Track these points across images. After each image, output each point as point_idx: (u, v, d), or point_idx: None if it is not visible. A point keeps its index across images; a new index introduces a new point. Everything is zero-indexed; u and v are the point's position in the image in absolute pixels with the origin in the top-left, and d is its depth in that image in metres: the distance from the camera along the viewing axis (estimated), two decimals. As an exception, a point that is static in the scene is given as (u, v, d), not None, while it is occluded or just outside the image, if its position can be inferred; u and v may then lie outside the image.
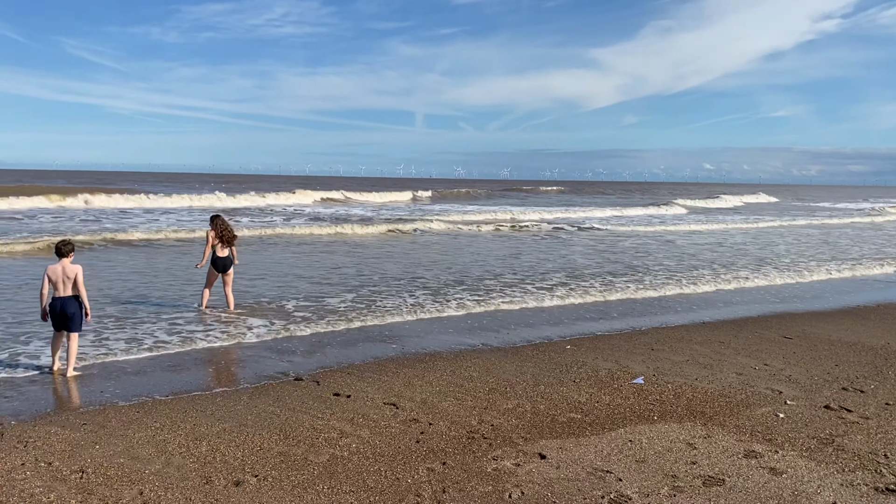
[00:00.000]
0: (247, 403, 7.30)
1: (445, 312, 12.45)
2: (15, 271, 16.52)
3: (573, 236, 30.32)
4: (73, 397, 7.55)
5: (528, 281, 16.39)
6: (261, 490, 5.29)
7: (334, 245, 24.01)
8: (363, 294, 14.06)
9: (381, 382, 8.10)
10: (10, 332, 10.20)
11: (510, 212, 44.94)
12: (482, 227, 33.14)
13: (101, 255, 19.97)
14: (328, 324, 11.27)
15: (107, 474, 5.48)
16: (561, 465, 5.82)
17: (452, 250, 23.28)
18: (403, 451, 6.09)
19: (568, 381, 8.31)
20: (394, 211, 45.15)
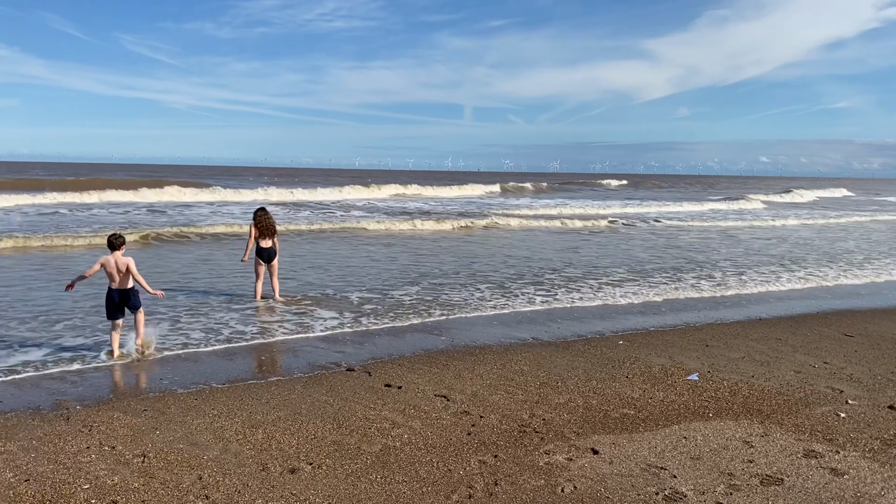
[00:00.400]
0: (300, 392, 7.42)
1: (506, 307, 12.44)
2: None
3: (658, 231, 29.55)
4: (134, 384, 7.77)
5: (590, 276, 16.27)
6: (315, 478, 5.37)
7: (408, 240, 24.03)
8: (426, 287, 14.16)
9: (432, 374, 8.14)
10: (88, 321, 10.56)
11: (585, 206, 43.67)
12: (565, 222, 31.97)
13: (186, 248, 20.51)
14: (385, 317, 11.37)
15: (167, 459, 5.63)
16: (614, 461, 5.76)
17: (527, 245, 23.09)
18: (455, 443, 6.11)
19: (620, 376, 8.22)
20: (465, 205, 44.13)
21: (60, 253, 18.42)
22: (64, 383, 7.66)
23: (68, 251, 18.81)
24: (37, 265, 16.17)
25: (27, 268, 15.73)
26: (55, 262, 16.65)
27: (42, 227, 24.20)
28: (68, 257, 17.62)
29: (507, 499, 5.09)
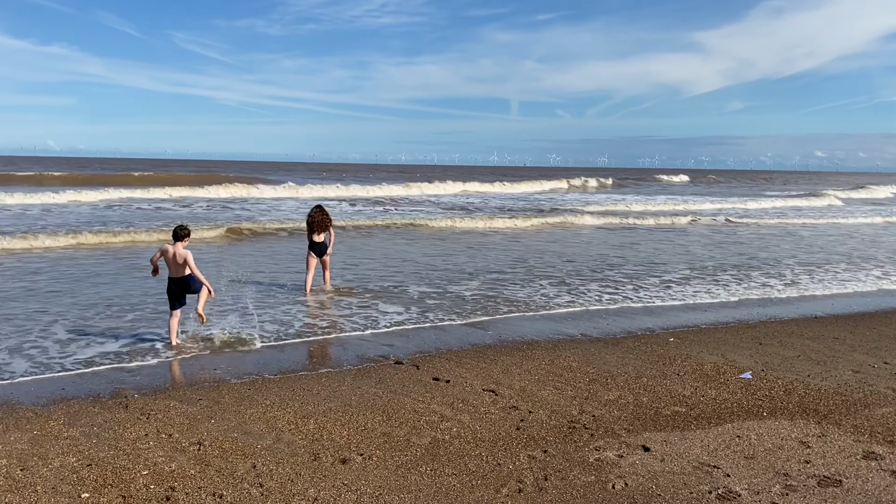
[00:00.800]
0: (350, 384, 7.50)
1: (573, 305, 12.39)
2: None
3: (742, 229, 28.68)
4: (189, 374, 7.95)
5: (653, 273, 16.09)
6: (366, 468, 5.43)
7: (476, 237, 24.06)
8: (487, 281, 14.21)
9: (480, 369, 8.15)
10: (155, 313, 10.85)
11: (654, 203, 42.47)
12: (642, 219, 30.93)
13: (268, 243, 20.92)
14: (441, 311, 11.42)
15: (222, 447, 5.76)
16: (665, 459, 5.70)
17: (602, 242, 22.83)
18: (504, 438, 6.11)
19: (671, 373, 8.11)
20: (535, 202, 43.34)
21: (140, 247, 18.94)
22: (122, 372, 7.89)
23: (143, 245, 19.31)
24: (113, 258, 16.67)
25: (103, 260, 16.23)
26: (125, 255, 17.14)
27: (117, 221, 24.85)
28: (138, 252, 18.11)
29: (557, 494, 5.08)
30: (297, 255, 16.56)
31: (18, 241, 18.12)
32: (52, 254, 17.11)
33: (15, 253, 17.05)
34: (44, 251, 17.42)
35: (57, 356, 8.45)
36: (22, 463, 5.39)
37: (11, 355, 8.44)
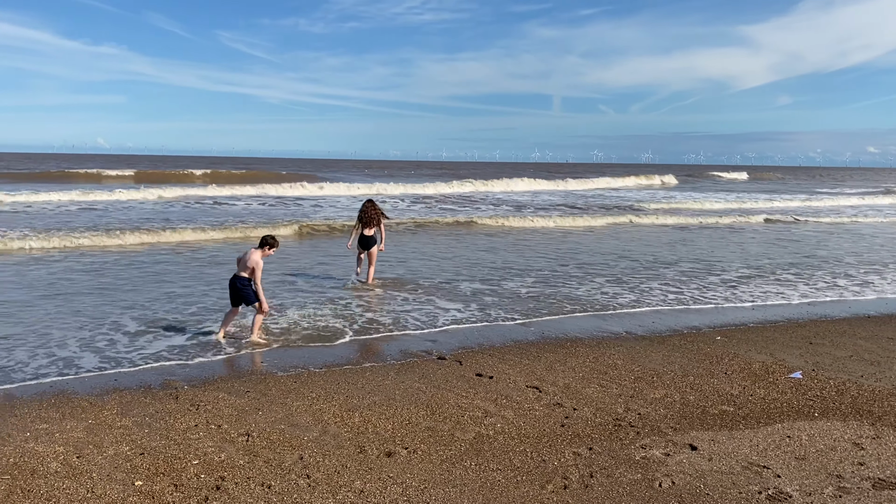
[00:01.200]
0: (394, 379, 7.55)
1: (636, 306, 12.30)
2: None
3: (819, 227, 27.46)
4: (236, 366, 8.09)
5: (712, 272, 15.89)
6: (411, 462, 5.46)
7: (540, 235, 23.92)
8: (543, 278, 14.19)
9: (523, 365, 8.12)
10: (216, 307, 11.08)
11: (720, 201, 41.24)
12: (717, 218, 29.90)
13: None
14: (498, 308, 11.43)
15: (270, 438, 5.85)
16: (713, 458, 5.61)
17: (675, 241, 22.05)
18: (548, 434, 6.09)
19: (719, 372, 7.98)
20: (600, 199, 42.48)
21: (203, 244, 19.34)
22: (172, 364, 8.06)
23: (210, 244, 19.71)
24: (174, 253, 17.05)
25: (169, 257, 16.61)
26: (187, 251, 17.51)
27: (183, 220, 25.29)
28: (203, 249, 18.49)
29: (602, 491, 5.05)
30: (337, 250, 16.72)
31: (90, 239, 18.46)
32: (122, 251, 17.55)
33: (87, 249, 17.48)
34: (118, 249, 17.81)
35: (123, 350, 8.67)
36: (78, 450, 5.54)
37: (81, 349, 8.67)
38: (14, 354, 8.32)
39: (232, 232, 21.17)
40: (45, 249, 17.07)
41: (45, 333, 9.25)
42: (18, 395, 6.96)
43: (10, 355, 8.27)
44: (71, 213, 26.04)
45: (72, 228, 20.62)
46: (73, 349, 8.58)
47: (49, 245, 17.53)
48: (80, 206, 29.02)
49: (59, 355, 8.31)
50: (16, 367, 7.86)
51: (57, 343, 8.82)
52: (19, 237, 18.16)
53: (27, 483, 4.98)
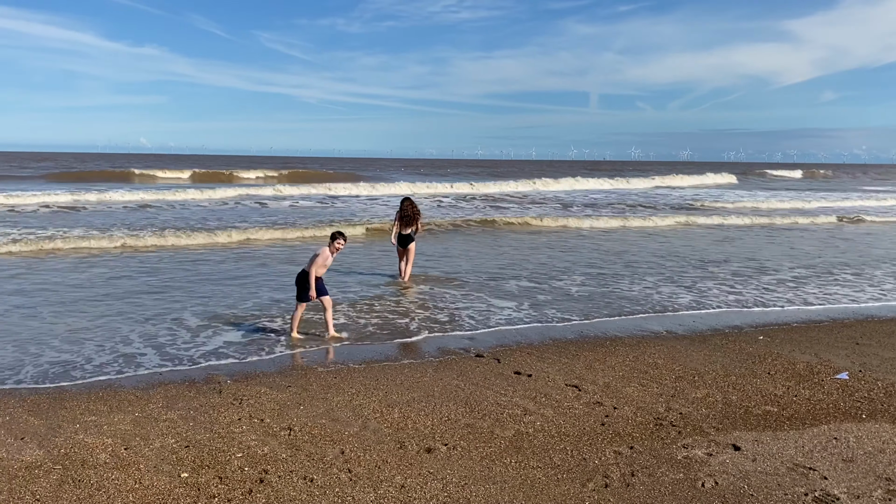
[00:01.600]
0: (432, 376, 7.58)
1: (694, 307, 12.20)
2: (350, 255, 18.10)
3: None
4: (278, 361, 8.17)
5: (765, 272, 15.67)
6: (451, 458, 5.48)
7: (617, 236, 23.45)
8: (594, 276, 14.14)
9: (562, 364, 8.09)
10: (274, 303, 11.26)
11: (789, 199, 39.88)
12: (785, 218, 28.76)
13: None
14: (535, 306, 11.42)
15: (311, 433, 5.91)
16: (757, 458, 5.53)
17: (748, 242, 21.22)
18: (589, 433, 6.06)
19: (762, 372, 7.86)
20: (662, 198, 41.43)
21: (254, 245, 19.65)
22: (216, 358, 8.19)
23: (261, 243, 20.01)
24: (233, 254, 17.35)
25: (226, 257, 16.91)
26: (243, 251, 17.79)
27: (236, 218, 25.75)
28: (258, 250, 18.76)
29: (644, 490, 5.01)
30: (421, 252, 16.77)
31: (151, 239, 18.61)
32: (183, 250, 17.89)
33: (150, 249, 17.83)
34: (172, 249, 18.08)
35: (183, 346, 8.84)
36: (125, 442, 5.67)
37: (144, 344, 8.86)
38: (83, 348, 8.54)
39: (293, 231, 21.11)
40: (104, 249, 17.32)
41: (113, 328, 9.52)
42: (68, 387, 7.14)
43: (79, 349, 8.49)
44: (128, 212, 26.60)
45: (132, 227, 21.11)
46: (136, 345, 8.75)
47: (111, 245, 17.75)
48: (136, 204, 29.63)
49: (122, 351, 8.50)
50: (81, 361, 8.07)
51: (122, 339, 9.02)
52: (82, 236, 18.51)
53: (78, 473, 5.11)
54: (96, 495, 4.80)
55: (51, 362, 7.99)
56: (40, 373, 7.63)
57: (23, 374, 7.56)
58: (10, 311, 10.48)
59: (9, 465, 5.25)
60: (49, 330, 9.38)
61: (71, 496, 4.78)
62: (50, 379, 7.43)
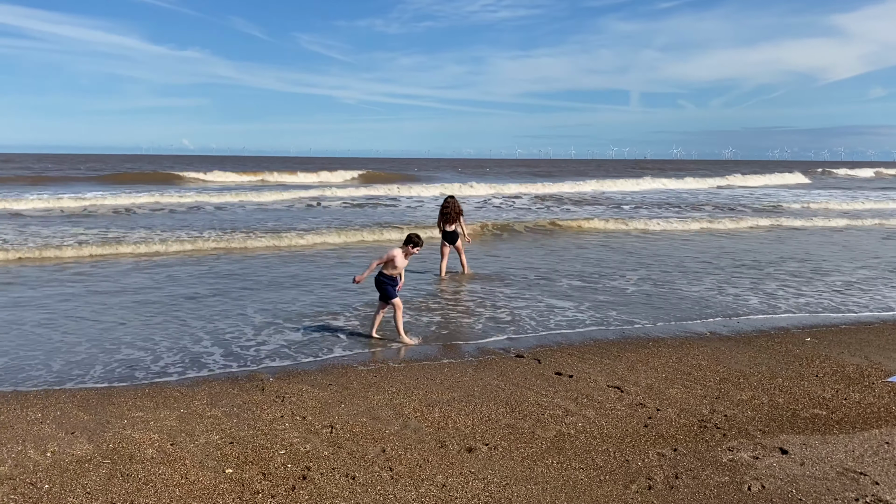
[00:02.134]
0: (472, 375, 7.57)
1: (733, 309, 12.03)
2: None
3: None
4: (318, 359, 8.24)
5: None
6: (492, 458, 5.46)
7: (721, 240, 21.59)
8: (647, 276, 14.04)
9: (603, 365, 8.01)
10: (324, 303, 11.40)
11: (873, 200, 38.15)
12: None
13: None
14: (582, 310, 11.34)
15: (353, 431, 5.95)
16: (806, 462, 5.40)
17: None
18: (631, 434, 5.99)
19: (809, 375, 7.68)
20: (741, 199, 39.39)
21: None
22: (258, 356, 8.29)
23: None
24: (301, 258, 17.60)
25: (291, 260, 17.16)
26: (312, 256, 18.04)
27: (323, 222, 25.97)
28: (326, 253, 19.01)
29: (689, 493, 4.93)
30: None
31: (212, 242, 18.54)
32: (248, 254, 18.20)
33: (216, 252, 18.18)
34: (241, 251, 18.30)
35: (247, 345, 9.00)
36: (171, 438, 5.78)
37: (213, 344, 9.01)
38: (157, 348, 8.74)
39: (358, 234, 20.83)
40: (205, 250, 17.43)
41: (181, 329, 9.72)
42: (116, 384, 7.30)
43: (154, 348, 8.69)
44: (183, 215, 27.11)
45: (195, 229, 21.38)
46: (205, 346, 8.85)
47: (182, 248, 17.72)
48: (189, 207, 30.02)
49: (191, 349, 8.67)
50: (154, 362, 8.23)
51: (191, 338, 9.21)
52: (161, 240, 18.40)
53: (126, 467, 5.22)
54: (144, 489, 4.90)
55: (121, 361, 8.14)
56: (108, 370, 7.78)
57: (93, 372, 7.73)
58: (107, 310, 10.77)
59: (60, 458, 5.39)
60: (123, 328, 9.60)
61: (120, 490, 4.88)
62: (118, 377, 7.54)
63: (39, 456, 5.43)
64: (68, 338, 9.06)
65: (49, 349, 8.54)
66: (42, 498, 4.77)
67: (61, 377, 7.51)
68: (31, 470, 5.18)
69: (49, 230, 20.52)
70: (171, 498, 4.79)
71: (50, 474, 5.12)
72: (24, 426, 6.05)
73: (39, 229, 20.74)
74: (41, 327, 9.62)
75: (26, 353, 8.40)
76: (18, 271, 14.23)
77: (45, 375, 7.57)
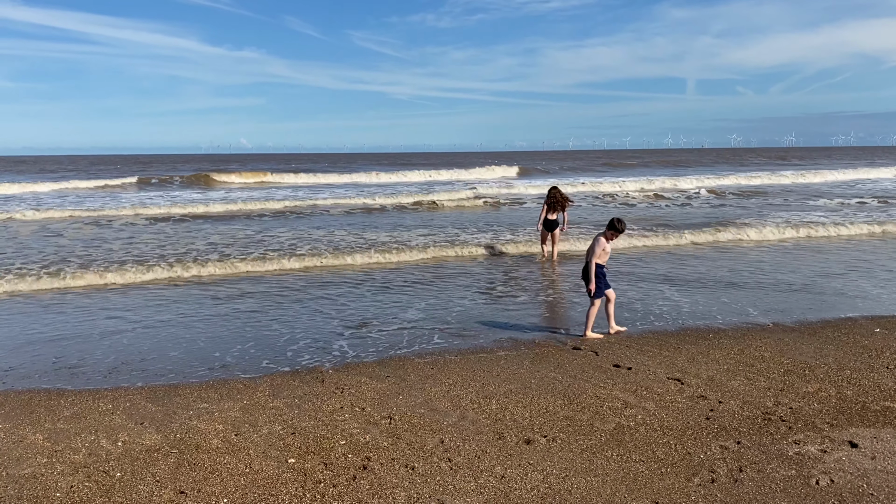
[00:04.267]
0: (528, 368, 7.55)
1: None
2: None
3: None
4: (378, 350, 8.31)
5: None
6: (550, 450, 5.44)
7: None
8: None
9: (662, 357, 7.89)
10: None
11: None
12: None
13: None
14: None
15: (411, 422, 6.01)
16: (877, 456, 5.23)
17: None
18: (693, 427, 5.89)
19: (879, 366, 7.42)
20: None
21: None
22: (321, 352, 8.42)
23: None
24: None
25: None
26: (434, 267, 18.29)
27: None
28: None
29: (754, 486, 4.83)
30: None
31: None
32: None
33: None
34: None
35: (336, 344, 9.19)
36: (235, 429, 5.92)
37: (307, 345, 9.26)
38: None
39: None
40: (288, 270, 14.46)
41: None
42: (180, 378, 7.51)
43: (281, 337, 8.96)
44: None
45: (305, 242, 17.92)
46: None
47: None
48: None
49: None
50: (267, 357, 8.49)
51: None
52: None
53: (192, 457, 5.38)
54: (210, 478, 5.04)
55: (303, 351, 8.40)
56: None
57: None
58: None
59: (131, 447, 5.58)
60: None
61: (187, 478, 5.04)
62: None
63: (111, 445, 5.64)
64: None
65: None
66: (114, 485, 4.96)
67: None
68: (103, 458, 5.39)
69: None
70: (237, 487, 4.92)
71: (121, 463, 5.31)
72: (96, 417, 6.28)
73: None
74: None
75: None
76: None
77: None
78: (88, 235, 19.87)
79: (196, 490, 4.86)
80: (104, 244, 17.90)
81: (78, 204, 30.00)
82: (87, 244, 17.90)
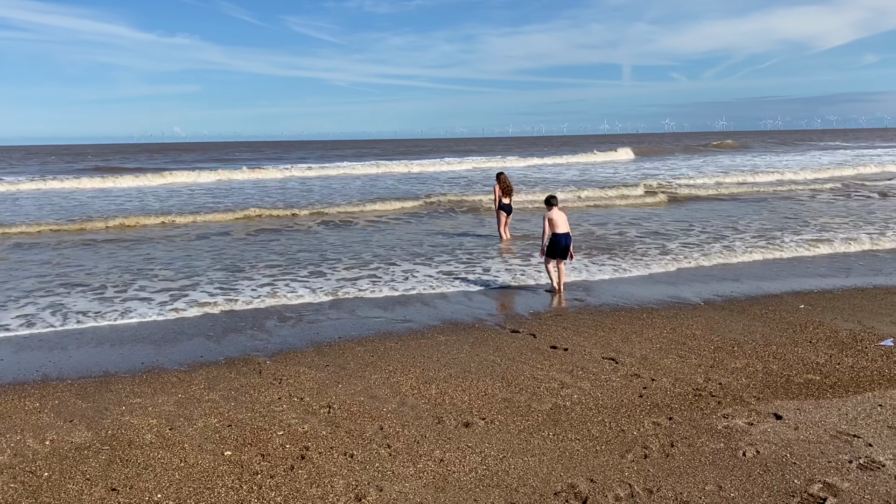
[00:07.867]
0: (468, 352, 7.60)
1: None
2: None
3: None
4: (315, 340, 8.24)
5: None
6: (489, 432, 5.50)
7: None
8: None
9: (598, 337, 8.05)
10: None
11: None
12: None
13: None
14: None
15: (350, 410, 5.99)
16: (800, 427, 5.46)
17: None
18: (626, 405, 6.03)
19: (803, 341, 7.73)
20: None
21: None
22: (254, 340, 8.30)
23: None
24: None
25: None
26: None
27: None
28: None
29: (684, 460, 4.98)
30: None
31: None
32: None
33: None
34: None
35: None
36: (170, 423, 5.80)
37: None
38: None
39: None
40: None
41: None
42: (113, 371, 7.31)
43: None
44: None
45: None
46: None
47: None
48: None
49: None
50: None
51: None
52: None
53: (125, 453, 5.25)
54: (143, 474, 4.93)
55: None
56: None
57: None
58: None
59: (59, 446, 5.41)
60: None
61: (119, 475, 4.91)
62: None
63: (38, 445, 5.45)
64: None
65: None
66: (42, 485, 4.80)
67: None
68: (30, 458, 5.21)
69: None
70: (171, 481, 4.82)
71: (49, 462, 5.14)
72: (21, 416, 6.07)
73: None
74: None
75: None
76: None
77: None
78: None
79: (128, 487, 4.75)
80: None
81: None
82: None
